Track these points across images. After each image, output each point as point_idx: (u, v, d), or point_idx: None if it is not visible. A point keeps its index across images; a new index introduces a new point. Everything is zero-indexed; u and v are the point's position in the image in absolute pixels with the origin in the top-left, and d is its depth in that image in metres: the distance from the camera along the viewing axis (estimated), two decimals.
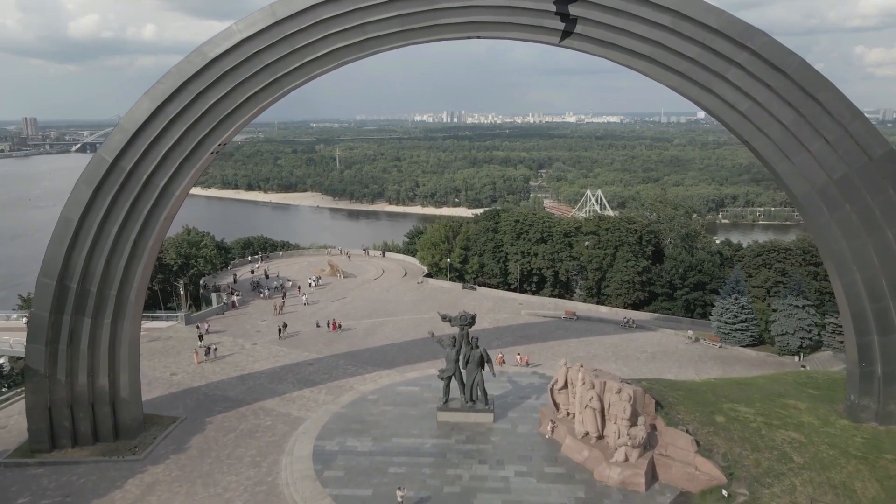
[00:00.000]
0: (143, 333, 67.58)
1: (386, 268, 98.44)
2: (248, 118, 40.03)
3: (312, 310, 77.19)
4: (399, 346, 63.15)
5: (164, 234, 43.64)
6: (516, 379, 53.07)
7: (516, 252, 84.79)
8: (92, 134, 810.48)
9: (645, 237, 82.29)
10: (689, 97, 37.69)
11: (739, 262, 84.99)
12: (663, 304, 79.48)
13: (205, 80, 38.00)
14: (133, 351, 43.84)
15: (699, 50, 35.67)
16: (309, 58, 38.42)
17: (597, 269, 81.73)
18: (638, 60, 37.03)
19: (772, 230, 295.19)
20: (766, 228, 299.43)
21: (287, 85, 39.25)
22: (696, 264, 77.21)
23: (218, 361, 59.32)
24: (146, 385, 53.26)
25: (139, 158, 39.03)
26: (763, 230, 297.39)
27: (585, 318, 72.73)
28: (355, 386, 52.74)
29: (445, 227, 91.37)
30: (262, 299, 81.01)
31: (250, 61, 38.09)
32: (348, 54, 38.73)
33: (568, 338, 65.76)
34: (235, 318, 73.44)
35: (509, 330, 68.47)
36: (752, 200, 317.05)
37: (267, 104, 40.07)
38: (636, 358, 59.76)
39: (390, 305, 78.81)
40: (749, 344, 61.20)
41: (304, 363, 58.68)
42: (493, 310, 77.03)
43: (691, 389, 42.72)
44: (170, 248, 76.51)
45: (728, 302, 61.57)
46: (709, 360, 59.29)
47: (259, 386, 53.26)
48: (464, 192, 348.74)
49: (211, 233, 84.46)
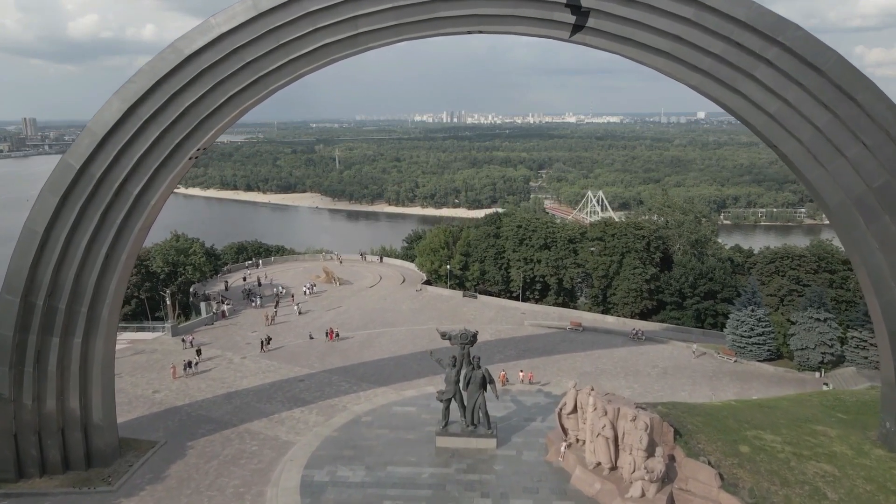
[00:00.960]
0: (127, 346, 64.76)
1: (384, 274, 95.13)
2: (229, 120, 36.70)
3: (306, 320, 73.86)
4: (396, 360, 59.83)
5: (140, 246, 40.35)
6: (520, 398, 49.74)
7: (519, 258, 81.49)
8: None
9: (653, 243, 78.95)
10: (712, 97, 34.38)
11: (751, 269, 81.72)
12: (672, 313, 76.16)
13: (181, 79, 34.67)
14: (107, 372, 40.54)
15: (725, 45, 32.35)
16: (295, 54, 35.10)
17: (602, 276, 78.45)
18: (656, 57, 33.71)
19: (774, 231, 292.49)
20: (767, 230, 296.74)
21: (272, 84, 35.93)
22: (706, 272, 73.90)
23: (203, 377, 56.01)
24: (126, 404, 50.11)
25: (110, 164, 35.70)
26: (765, 231, 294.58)
27: (592, 330, 69.41)
28: (348, 405, 49.43)
29: (445, 233, 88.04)
30: (255, 308, 77.68)
31: (231, 58, 34.77)
32: (338, 50, 35.41)
33: (574, 351, 62.44)
34: (225, 329, 70.08)
35: (512, 342, 65.14)
36: (754, 201, 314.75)
37: (250, 105, 36.77)
38: (647, 374, 56.44)
39: (387, 315, 75.49)
40: (766, 358, 57.91)
41: (294, 379, 55.37)
42: (495, 320, 73.70)
43: (711, 414, 39.39)
44: (156, 255, 73.21)
45: (743, 314, 58.27)
46: (724, 376, 55.97)
47: (246, 405, 49.92)
48: (464, 193, 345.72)
49: (201, 238, 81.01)
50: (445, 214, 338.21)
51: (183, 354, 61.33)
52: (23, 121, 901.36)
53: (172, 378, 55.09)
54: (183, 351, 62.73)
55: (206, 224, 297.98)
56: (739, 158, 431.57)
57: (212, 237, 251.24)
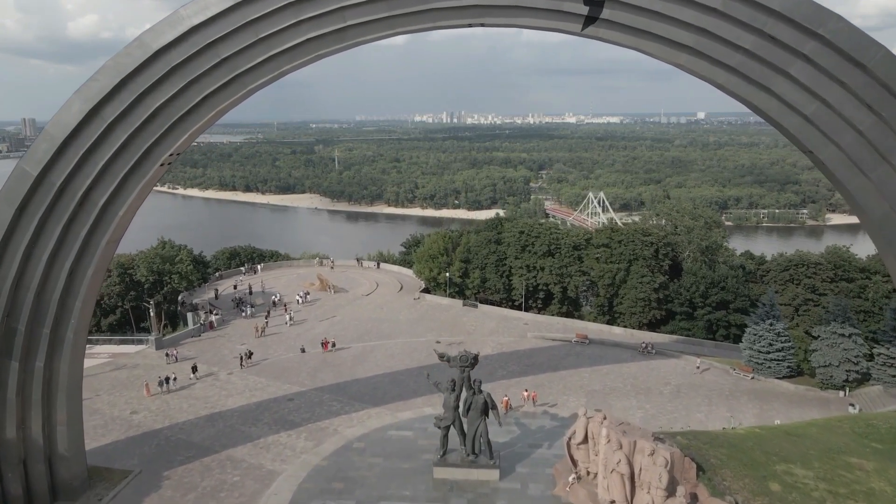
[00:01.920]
0: (108, 361, 61.29)
1: (380, 281, 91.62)
2: (205, 123, 33.21)
3: (298, 330, 70.37)
4: (391, 377, 56.34)
5: (108, 261, 36.87)
6: (524, 421, 46.28)
7: (521, 266, 78.01)
8: None
9: (661, 250, 75.44)
10: (740, 97, 30.90)
11: (764, 277, 78.22)
12: (682, 324, 72.67)
13: (149, 77, 31.17)
14: (73, 397, 37.08)
15: (756, 39, 28.86)
16: (276, 50, 31.59)
17: (609, 284, 74.98)
18: (679, 53, 30.23)
19: (776, 233, 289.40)
20: (769, 231, 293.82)
21: (251, 83, 32.43)
22: (718, 280, 70.42)
23: (186, 395, 52.53)
24: (101, 427, 46.74)
25: (72, 172, 32.20)
26: (767, 233, 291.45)
27: (598, 342, 65.90)
28: (339, 429, 45.96)
29: (444, 238, 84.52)
30: (245, 318, 74.15)
31: (204, 54, 31.26)
32: (325, 45, 31.93)
33: (580, 366, 58.96)
34: (212, 342, 66.57)
35: (515, 356, 61.65)
36: (756, 202, 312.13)
37: (228, 106, 33.28)
38: (659, 392, 52.94)
39: (384, 326, 71.98)
40: (785, 376, 54.46)
41: (283, 398, 51.88)
42: (497, 331, 70.20)
43: (736, 445, 35.91)
44: (141, 263, 69.73)
45: (761, 328, 54.79)
46: (741, 394, 52.49)
47: (230, 428, 46.43)
48: (464, 194, 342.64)
49: (189, 245, 77.48)
50: (445, 215, 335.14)
51: (166, 370, 57.91)
52: (22, 121, 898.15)
53: (146, 395, 51.69)
54: (166, 366, 59.31)
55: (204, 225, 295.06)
56: (740, 159, 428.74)
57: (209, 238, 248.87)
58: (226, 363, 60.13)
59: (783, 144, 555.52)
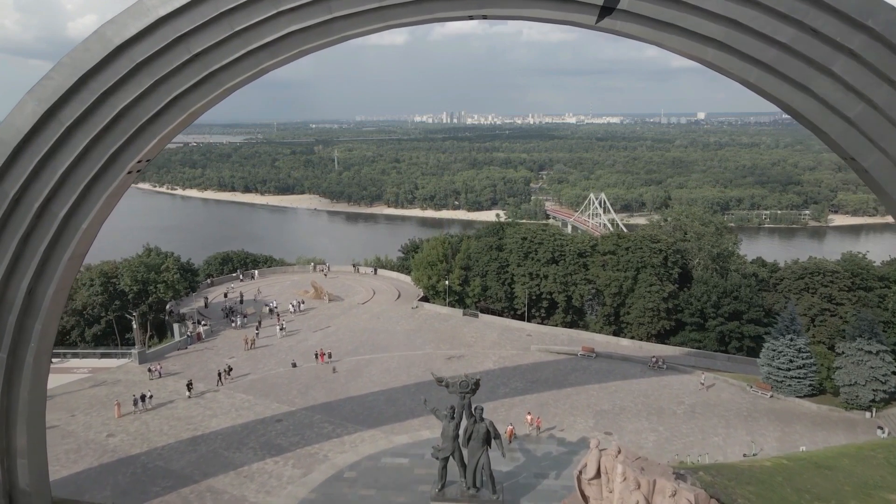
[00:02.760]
0: (87, 376, 57.98)
1: (377, 288, 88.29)
2: (177, 125, 29.88)
3: (290, 342, 67.05)
4: (387, 394, 53.02)
5: (72, 279, 33.53)
6: (528, 447, 42.96)
7: (524, 274, 74.69)
8: None
9: (671, 258, 72.11)
10: (773, 98, 27.58)
11: (777, 286, 74.92)
12: (692, 335, 69.38)
13: (111, 75, 27.87)
14: (35, 426, 33.68)
15: (795, 32, 25.53)
16: (255, 44, 28.28)
17: (615, 293, 71.66)
18: (705, 48, 26.90)
19: (778, 234, 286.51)
20: (772, 232, 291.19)
21: (228, 81, 29.11)
22: (730, 290, 67.13)
23: (168, 415, 49.23)
24: (73, 452, 43.45)
25: (28, 180, 28.87)
26: (769, 234, 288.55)
27: (606, 356, 62.58)
28: (330, 455, 42.65)
29: (443, 244, 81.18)
30: (235, 329, 70.83)
31: (174, 49, 27.95)
32: (309, 40, 28.61)
33: (587, 383, 55.62)
34: (199, 355, 63.25)
35: (518, 372, 58.31)
36: (758, 203, 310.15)
37: (203, 107, 29.97)
38: (672, 412, 49.61)
39: (380, 337, 68.64)
40: (807, 394, 51.15)
41: (271, 419, 48.56)
42: (499, 343, 66.87)
43: (763, 481, 32.60)
44: (124, 272, 66.34)
45: (781, 343, 51.48)
46: (761, 415, 49.15)
47: (212, 454, 43.12)
48: (464, 195, 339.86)
49: (178, 253, 74.14)
50: (445, 216, 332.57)
51: (149, 387, 54.67)
52: None
53: (116, 416, 48.50)
54: (149, 382, 56.06)
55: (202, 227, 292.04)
56: (741, 159, 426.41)
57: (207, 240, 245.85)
58: (212, 379, 56.76)
59: (784, 145, 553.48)
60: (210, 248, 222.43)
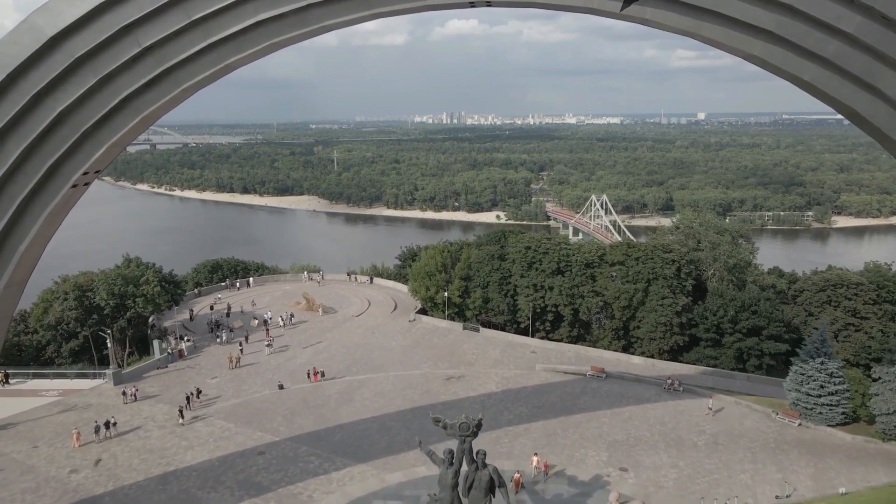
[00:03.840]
0: (57, 400, 53.65)
1: (373, 299, 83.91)
2: (130, 130, 25.64)
3: (278, 360, 62.71)
4: (380, 422, 48.64)
5: (13, 308, 29.16)
6: (537, 489, 38.60)
7: (527, 285, 70.28)
8: None
9: (684, 269, 67.69)
10: (832, 99, 23.32)
11: (797, 298, 70.57)
12: (707, 351, 64.94)
13: (46, 72, 23.63)
14: None
15: (863, 20, 21.29)
16: (217, 36, 24.04)
17: (625, 306, 67.20)
18: (752, 40, 22.64)
19: (781, 235, 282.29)
20: (775, 234, 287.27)
21: (186, 80, 24.86)
22: (749, 304, 62.73)
23: (139, 446, 44.91)
24: (31, 492, 39.22)
25: None
26: (772, 235, 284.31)
27: (617, 377, 58.18)
28: (315, 495, 38.38)
29: (442, 253, 76.75)
30: (220, 345, 66.48)
31: (120, 41, 23.71)
32: (281, 31, 24.37)
33: (598, 408, 51.25)
34: (180, 375, 58.91)
35: (523, 395, 53.91)
36: (760, 204, 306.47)
37: (159, 109, 25.70)
38: (693, 443, 45.22)
39: (374, 354, 64.29)
40: (839, 423, 46.80)
41: (252, 451, 44.23)
42: (501, 361, 62.52)
43: None
44: (100, 285, 61.91)
45: (810, 366, 47.12)
46: (790, 447, 44.75)
47: (184, 494, 38.81)
48: (464, 196, 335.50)
49: (157, 263, 69.71)
50: (445, 218, 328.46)
51: (121, 411, 50.42)
52: None
53: (74, 446, 44.32)
54: (123, 406, 51.77)
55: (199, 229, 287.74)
56: (743, 160, 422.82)
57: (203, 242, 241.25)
58: (191, 402, 52.39)
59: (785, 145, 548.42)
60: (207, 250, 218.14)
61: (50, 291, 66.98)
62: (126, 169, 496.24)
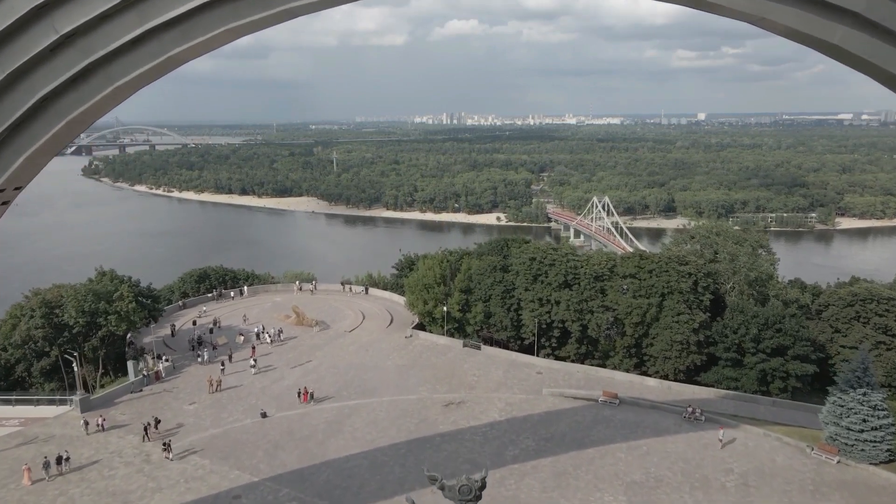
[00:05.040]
0: (17, 430, 48.73)
1: (368, 311, 79.09)
2: (52, 138, 20.84)
3: (263, 382, 57.89)
4: (372, 458, 43.80)
5: None
6: None
7: (532, 299, 65.49)
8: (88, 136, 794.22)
9: (701, 282, 62.92)
10: None
11: (822, 314, 65.80)
12: (726, 371, 60.16)
13: None
14: None
15: None
16: (156, 21, 19.22)
17: (637, 323, 62.46)
18: (833, 25, 17.82)
19: (784, 237, 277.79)
20: (778, 235, 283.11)
21: (120, 77, 20.05)
22: (773, 321, 57.98)
23: (101, 489, 40.08)
24: None
25: None
26: (776, 237, 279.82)
27: (631, 403, 53.30)
28: None
29: (441, 264, 71.88)
30: (202, 364, 61.66)
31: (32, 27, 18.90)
32: (238, 15, 19.55)
33: (613, 440, 46.42)
34: (155, 400, 54.09)
35: (529, 425, 49.04)
36: (763, 206, 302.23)
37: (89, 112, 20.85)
38: (721, 485, 40.40)
39: (368, 375, 59.48)
40: (883, 461, 42.05)
41: (226, 495, 39.44)
42: (505, 383, 57.69)
43: None
44: (69, 302, 57.12)
45: (850, 398, 42.38)
46: (830, 490, 39.95)
47: None
48: (464, 197, 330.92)
49: (135, 277, 64.82)
50: (445, 219, 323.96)
51: (86, 444, 45.68)
52: None
53: (25, 483, 39.64)
54: (87, 437, 46.99)
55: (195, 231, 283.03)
56: (744, 161, 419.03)
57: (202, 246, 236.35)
58: (163, 433, 47.60)
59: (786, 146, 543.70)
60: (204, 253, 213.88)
61: (19, 307, 62.24)
62: (124, 170, 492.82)
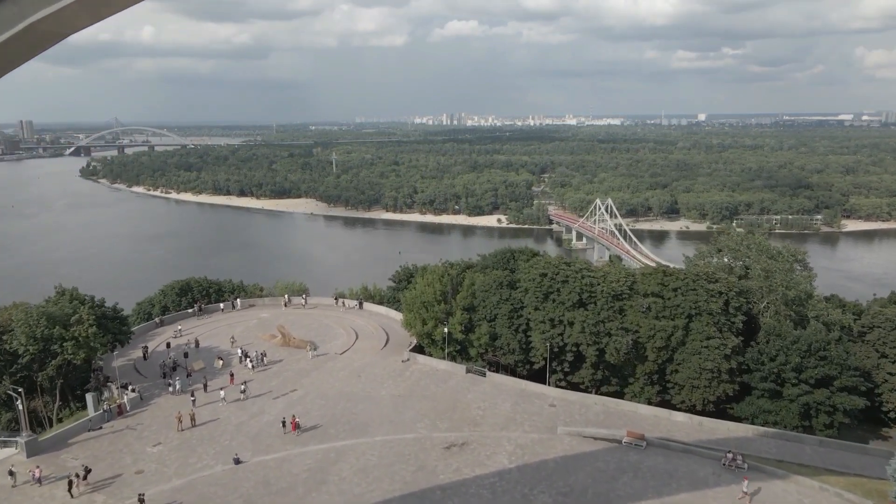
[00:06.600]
0: None
1: (361, 329, 72.31)
2: None
3: (241, 417, 51.14)
4: None
5: None
6: None
7: (543, 319, 58.85)
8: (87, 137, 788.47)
9: (733, 302, 56.30)
10: None
11: (865, 336, 59.11)
12: (762, 402, 53.49)
13: None
14: None
15: None
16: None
17: (661, 347, 55.86)
18: None
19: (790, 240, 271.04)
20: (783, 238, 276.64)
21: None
22: (817, 348, 51.36)
23: None
24: None
25: None
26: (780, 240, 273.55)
27: (659, 445, 46.50)
28: None
29: (441, 279, 65.17)
30: (173, 394, 54.92)
31: None
32: None
33: (643, 496, 39.71)
34: (114, 440, 47.34)
35: (543, 474, 42.29)
36: (768, 208, 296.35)
37: None
38: None
39: (359, 407, 52.78)
40: None
41: None
42: (514, 418, 50.95)
43: None
44: (18, 327, 50.40)
45: None
46: None
47: None
48: (464, 199, 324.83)
49: (99, 296, 57.98)
50: (445, 221, 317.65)
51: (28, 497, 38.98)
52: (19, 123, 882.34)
53: None
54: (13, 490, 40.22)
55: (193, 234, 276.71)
56: (747, 161, 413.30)
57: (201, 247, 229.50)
58: (122, 483, 41.08)
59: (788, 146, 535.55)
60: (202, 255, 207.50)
61: None
62: (122, 171, 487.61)
